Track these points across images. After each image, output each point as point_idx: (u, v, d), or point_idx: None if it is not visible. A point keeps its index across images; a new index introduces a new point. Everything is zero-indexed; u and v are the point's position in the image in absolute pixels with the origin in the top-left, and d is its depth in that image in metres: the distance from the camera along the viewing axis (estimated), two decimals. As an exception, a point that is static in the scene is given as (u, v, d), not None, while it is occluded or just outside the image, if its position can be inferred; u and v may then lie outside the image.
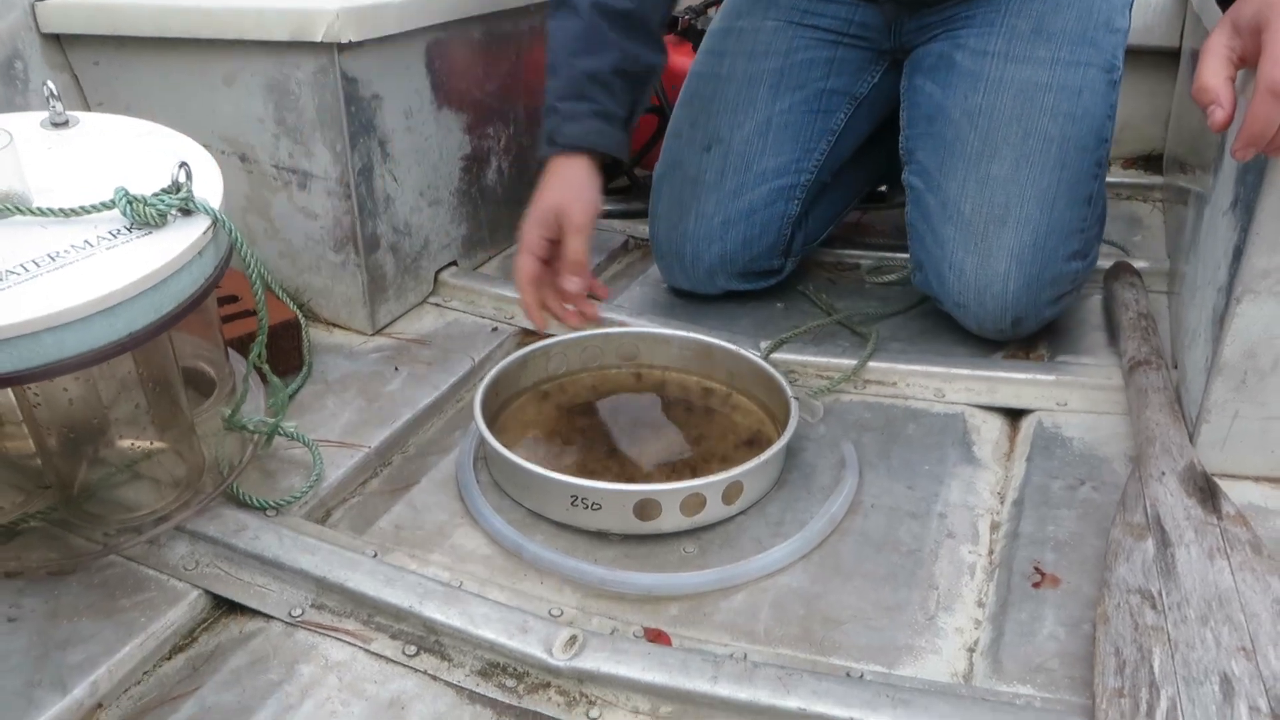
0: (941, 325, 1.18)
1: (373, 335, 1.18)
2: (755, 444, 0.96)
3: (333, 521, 0.90)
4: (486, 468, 0.95)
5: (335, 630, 0.78)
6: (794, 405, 0.95)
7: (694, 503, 0.85)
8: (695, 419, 1.01)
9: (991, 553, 0.86)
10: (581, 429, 0.98)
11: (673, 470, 0.92)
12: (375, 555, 0.83)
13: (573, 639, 0.73)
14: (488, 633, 0.75)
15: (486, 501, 0.90)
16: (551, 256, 1.01)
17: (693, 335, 1.06)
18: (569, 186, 1.00)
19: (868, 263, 1.37)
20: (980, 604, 0.80)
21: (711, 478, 0.84)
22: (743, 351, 1.04)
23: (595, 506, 0.83)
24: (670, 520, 0.85)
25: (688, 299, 1.28)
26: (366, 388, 1.07)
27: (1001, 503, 0.92)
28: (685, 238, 1.23)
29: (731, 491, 0.87)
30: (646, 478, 0.91)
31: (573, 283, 0.99)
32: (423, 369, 1.11)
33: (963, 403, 1.06)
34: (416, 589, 0.78)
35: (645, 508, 0.84)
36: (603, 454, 0.94)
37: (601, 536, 0.86)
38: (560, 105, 1.02)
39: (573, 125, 1.01)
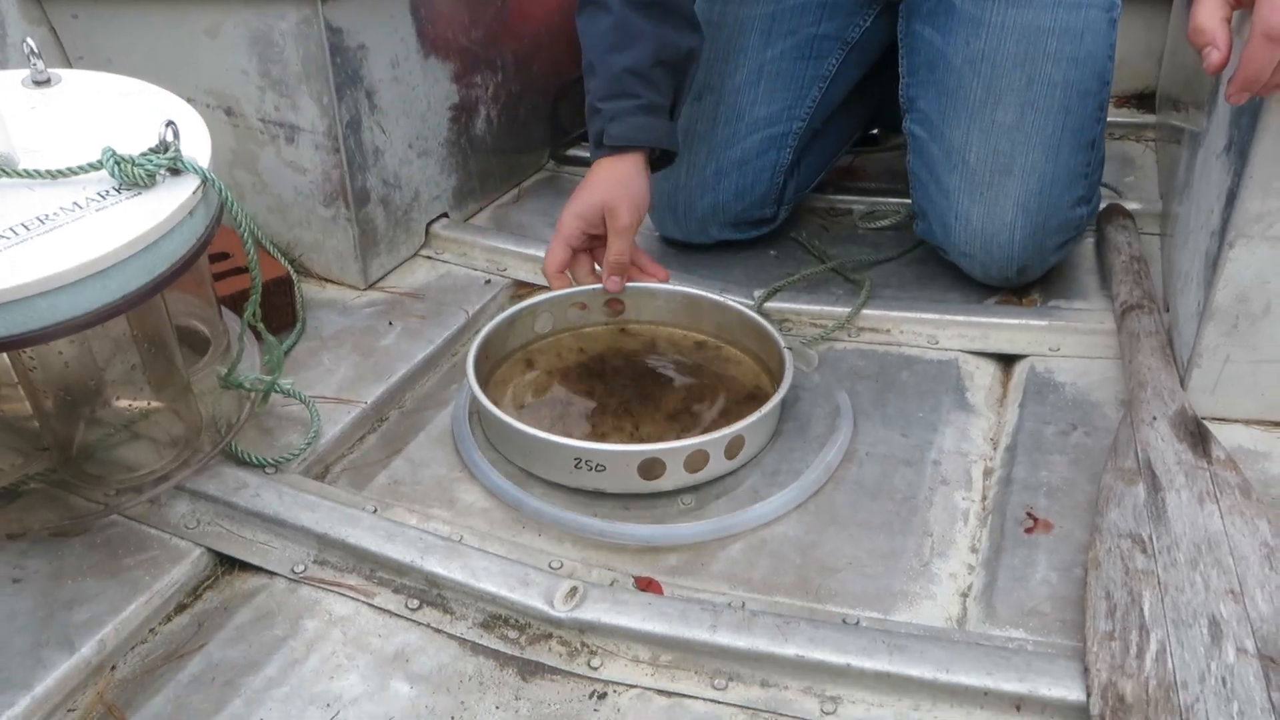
0: (935, 271, 1.19)
1: (365, 290, 1.18)
2: (756, 399, 0.96)
3: (331, 478, 0.91)
4: (481, 424, 0.95)
5: (338, 586, 0.79)
6: (788, 356, 0.95)
7: (697, 459, 0.86)
8: (691, 375, 1.01)
9: (985, 499, 0.87)
10: (580, 391, 0.98)
11: (680, 429, 0.93)
12: (375, 511, 0.84)
13: (573, 590, 0.75)
14: (489, 586, 0.76)
15: (484, 457, 0.90)
16: (590, 248, 1.04)
17: (679, 289, 1.06)
18: (617, 185, 1.00)
19: (860, 208, 1.36)
20: (974, 550, 0.82)
21: (714, 434, 0.85)
22: (729, 302, 1.04)
23: (599, 468, 0.84)
24: (673, 478, 0.86)
25: (680, 249, 1.27)
26: (361, 343, 1.07)
27: (995, 449, 0.93)
28: (678, 188, 1.22)
29: (733, 446, 0.88)
30: (651, 438, 0.92)
31: (614, 283, 1.01)
32: (416, 323, 1.11)
33: (956, 349, 1.06)
34: (417, 544, 0.79)
35: (649, 467, 0.85)
36: (609, 415, 0.94)
37: (601, 490, 0.87)
38: (603, 105, 1.01)
39: (618, 125, 1.00)
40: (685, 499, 0.87)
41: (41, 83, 0.86)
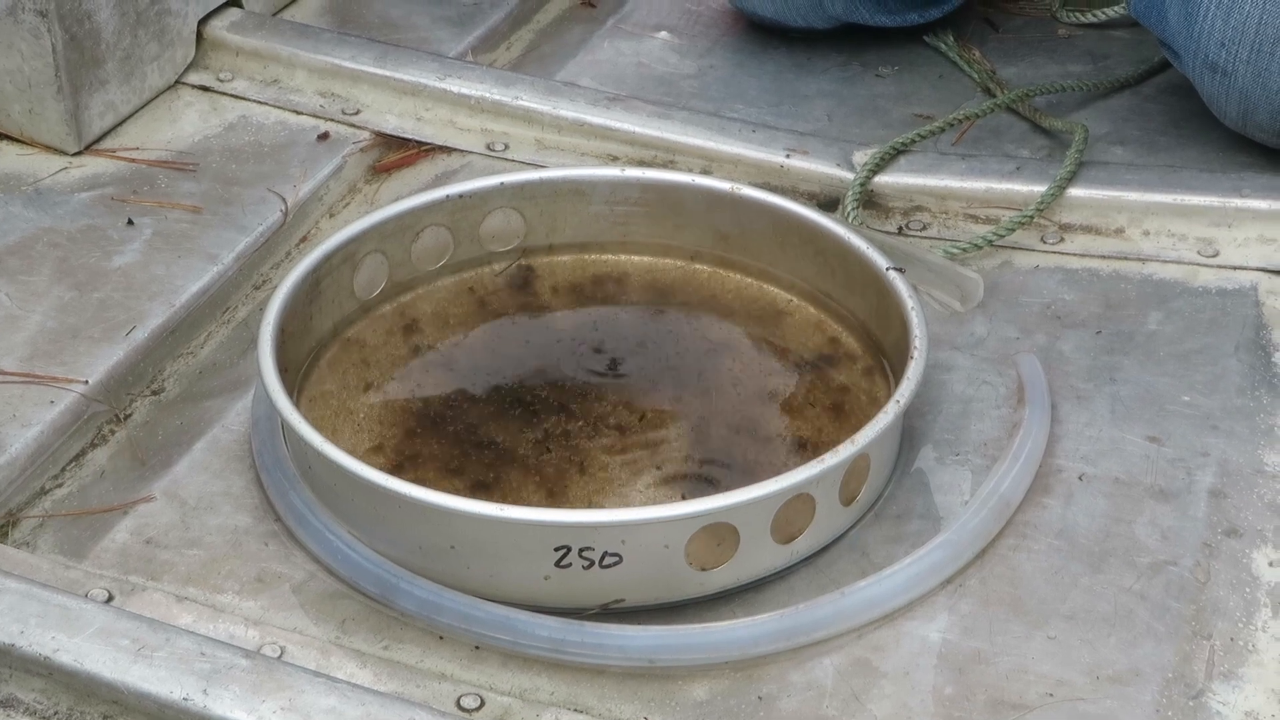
0: (1204, 109, 1.18)
1: (79, 154, 1.17)
2: (829, 383, 0.98)
3: (23, 535, 0.91)
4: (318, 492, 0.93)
5: (40, 749, 0.79)
6: (900, 282, 0.95)
7: (794, 514, 0.86)
8: (679, 353, 1.02)
9: (1314, 566, 0.88)
10: (473, 412, 0.98)
11: (699, 470, 0.93)
12: (110, 599, 0.84)
13: (506, 757, 0.75)
14: (339, 748, 0.76)
15: (318, 502, 0.90)
16: None
17: (636, 173, 1.07)
18: None
19: (1063, -16, 1.36)
20: (1292, 666, 0.83)
21: (822, 461, 0.84)
22: (743, 190, 1.04)
23: (609, 560, 0.83)
24: (750, 559, 0.85)
25: (762, 41, 1.29)
26: (72, 263, 1.06)
27: (1331, 464, 0.94)
28: None
29: (854, 477, 0.88)
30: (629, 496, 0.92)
31: None
32: (184, 221, 1.11)
33: (1255, 266, 1.06)
34: (196, 664, 0.79)
35: (711, 542, 0.84)
36: (538, 459, 0.94)
37: (618, 604, 0.86)
38: None
39: None
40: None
41: None
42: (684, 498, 0.90)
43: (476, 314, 1.05)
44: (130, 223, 1.10)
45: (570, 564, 0.83)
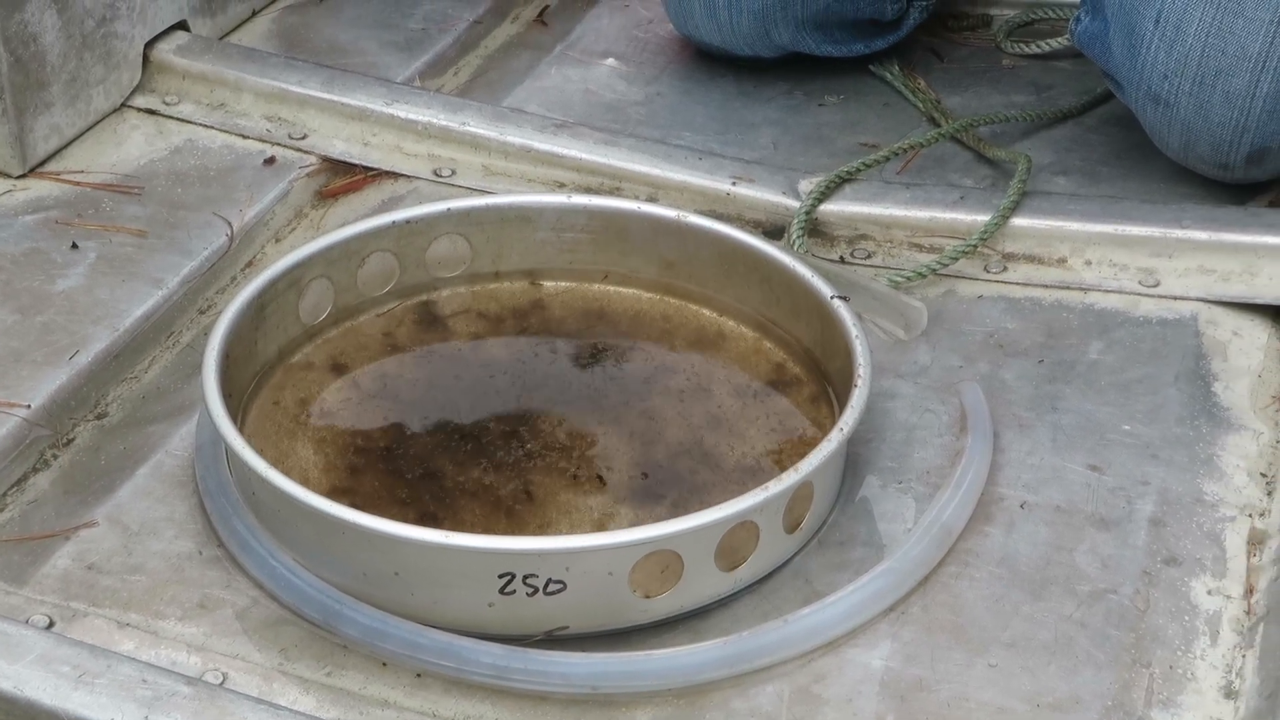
0: (1147, 139, 1.19)
1: (24, 177, 1.17)
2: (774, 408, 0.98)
3: (-39, 561, 0.90)
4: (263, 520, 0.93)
5: (-22, 778, 0.79)
6: (844, 310, 0.96)
7: (738, 542, 0.86)
8: (626, 379, 1.02)
9: (1252, 593, 0.88)
10: (419, 439, 0.98)
11: (645, 496, 0.93)
12: (51, 625, 0.84)
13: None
14: (281, 776, 0.76)
15: (262, 528, 0.89)
16: None
17: (582, 201, 1.07)
18: None
19: (1009, 14, 1.37)
20: (1229, 692, 0.83)
21: (766, 489, 0.85)
22: (689, 218, 1.05)
23: (554, 587, 0.83)
24: (695, 587, 0.86)
25: (706, 68, 1.30)
26: (15, 287, 1.06)
27: (1270, 492, 0.94)
28: None
29: (798, 505, 0.88)
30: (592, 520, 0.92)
31: None
32: (129, 245, 1.10)
33: (1195, 297, 1.07)
34: (138, 691, 0.78)
35: (651, 570, 0.84)
36: (484, 487, 0.94)
37: (561, 631, 0.86)
38: None
39: None
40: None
41: None
42: (628, 525, 0.91)
43: (416, 343, 1.05)
44: (74, 246, 1.10)
45: (514, 591, 0.83)
